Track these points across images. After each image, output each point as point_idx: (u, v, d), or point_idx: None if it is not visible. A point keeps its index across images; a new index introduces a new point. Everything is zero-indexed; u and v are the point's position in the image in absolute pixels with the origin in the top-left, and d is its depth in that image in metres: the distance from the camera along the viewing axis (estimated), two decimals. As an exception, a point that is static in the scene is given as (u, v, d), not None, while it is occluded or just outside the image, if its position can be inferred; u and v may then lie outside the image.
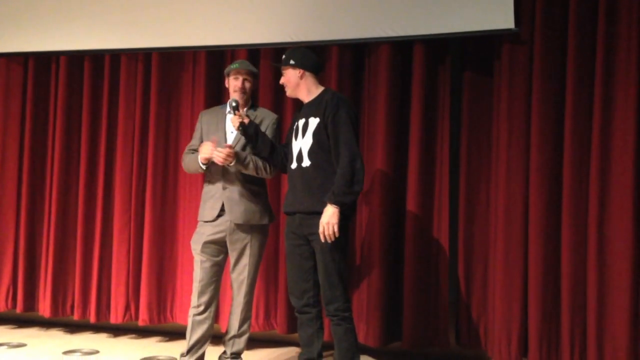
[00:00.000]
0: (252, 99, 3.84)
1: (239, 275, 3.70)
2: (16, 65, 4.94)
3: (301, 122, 3.44)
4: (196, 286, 3.66)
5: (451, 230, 4.10)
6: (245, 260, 3.67)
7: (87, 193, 4.74)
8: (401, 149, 4.21)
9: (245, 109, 3.73)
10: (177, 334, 4.51)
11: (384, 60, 4.19)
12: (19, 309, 4.82)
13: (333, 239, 3.21)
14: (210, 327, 3.69)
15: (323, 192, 3.27)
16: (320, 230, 3.21)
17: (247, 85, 3.72)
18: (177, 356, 3.86)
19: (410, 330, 4.08)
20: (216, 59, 4.58)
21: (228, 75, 3.75)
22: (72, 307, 4.77)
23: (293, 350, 4.29)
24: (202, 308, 3.65)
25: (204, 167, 3.62)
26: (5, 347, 4.34)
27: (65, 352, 4.24)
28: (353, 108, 3.43)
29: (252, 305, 3.79)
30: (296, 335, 3.70)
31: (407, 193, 4.15)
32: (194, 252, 3.71)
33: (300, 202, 3.36)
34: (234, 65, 3.74)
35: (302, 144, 3.40)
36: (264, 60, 4.45)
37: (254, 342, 4.44)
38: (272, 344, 4.47)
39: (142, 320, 4.55)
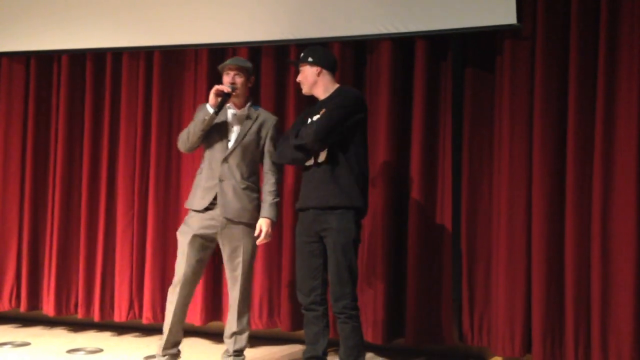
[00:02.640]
0: (252, 98, 3.83)
1: (233, 272, 3.69)
2: (18, 64, 4.94)
3: (316, 117, 3.43)
4: (179, 279, 3.63)
5: (454, 226, 4.09)
6: (239, 258, 3.66)
7: (90, 192, 4.74)
8: (403, 145, 4.20)
9: (247, 106, 3.73)
10: (180, 332, 4.51)
11: (385, 57, 4.18)
12: (22, 308, 4.83)
13: None
14: (185, 316, 3.73)
15: (336, 187, 3.28)
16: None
17: (238, 79, 3.68)
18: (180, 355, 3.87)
19: (414, 327, 4.08)
20: (218, 56, 4.56)
21: (222, 71, 3.74)
22: (76, 305, 4.78)
23: (296, 348, 4.30)
24: (182, 307, 3.66)
25: (211, 110, 3.56)
26: (10, 346, 4.35)
27: (69, 351, 4.25)
28: (356, 97, 3.41)
29: (249, 301, 3.78)
30: (300, 332, 3.71)
31: (410, 190, 4.15)
32: (180, 244, 3.67)
33: (314, 198, 3.36)
34: (226, 62, 3.74)
35: None
36: (266, 58, 4.45)
37: (258, 340, 4.45)
38: (275, 341, 4.48)
39: (146, 318, 4.56)
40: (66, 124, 4.81)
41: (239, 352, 3.73)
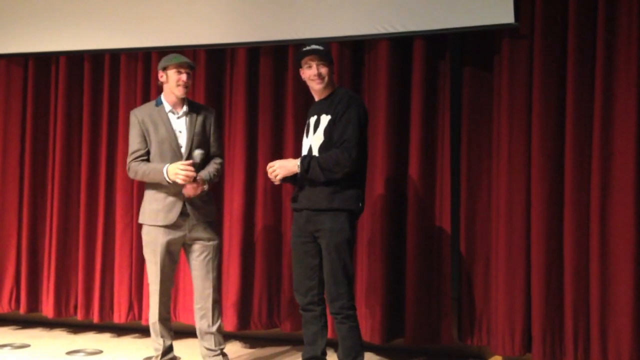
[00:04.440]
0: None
1: (206, 266, 3.67)
2: (16, 66, 4.94)
3: (313, 119, 3.42)
4: (156, 289, 3.62)
5: (453, 225, 4.09)
6: (210, 253, 3.68)
7: (88, 193, 4.74)
8: (402, 144, 4.20)
9: (185, 104, 3.69)
10: (180, 332, 4.49)
11: (383, 57, 4.18)
12: (22, 310, 4.83)
13: (273, 176, 3.33)
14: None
15: (331, 190, 3.27)
16: (270, 166, 3.34)
17: (190, 81, 3.65)
18: (181, 355, 3.86)
19: (413, 326, 4.08)
20: (216, 57, 4.58)
21: (165, 69, 3.62)
22: (76, 307, 4.78)
23: (296, 349, 4.29)
24: (166, 314, 3.68)
25: (170, 181, 3.52)
26: (9, 348, 4.35)
27: (69, 353, 4.26)
28: (364, 108, 3.41)
29: (220, 299, 3.80)
30: (299, 333, 3.71)
31: (408, 189, 4.15)
32: (153, 256, 3.62)
33: (308, 199, 3.34)
34: (175, 59, 3.62)
35: (312, 141, 3.38)
36: (264, 58, 4.44)
37: (257, 341, 4.46)
38: (275, 342, 4.47)
39: (146, 319, 4.55)
40: (64, 126, 4.81)
41: (222, 350, 3.74)
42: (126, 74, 4.71)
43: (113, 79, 4.75)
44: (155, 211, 3.61)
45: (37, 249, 4.89)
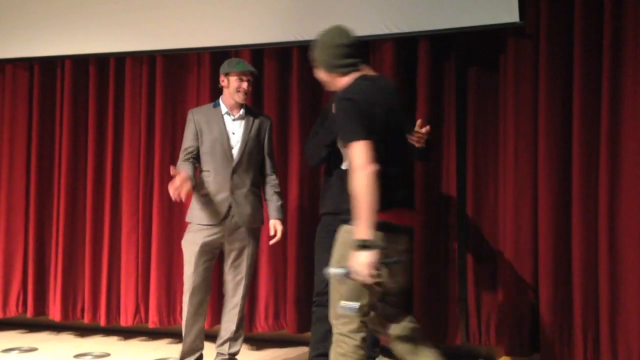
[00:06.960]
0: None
1: (236, 276, 3.70)
2: (22, 70, 4.95)
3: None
4: (189, 288, 3.63)
5: (459, 225, 4.07)
6: (244, 261, 3.68)
7: (94, 197, 4.75)
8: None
9: (242, 110, 3.72)
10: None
11: (388, 57, 4.17)
12: (29, 314, 4.84)
13: None
14: (203, 324, 3.73)
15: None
16: None
17: (250, 88, 3.72)
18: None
19: (420, 327, 4.05)
20: (220, 60, 4.54)
21: (227, 74, 3.69)
22: (82, 310, 4.78)
23: (303, 350, 4.28)
24: (197, 317, 3.65)
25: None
26: (17, 351, 4.35)
27: (76, 356, 4.26)
28: None
29: (245, 306, 3.78)
30: (306, 335, 3.70)
31: (414, 188, 4.13)
32: (187, 255, 3.67)
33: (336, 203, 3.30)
34: (238, 66, 3.70)
35: None
36: (268, 60, 4.44)
37: (264, 343, 4.45)
38: (281, 344, 4.46)
39: (152, 322, 4.55)
40: (70, 129, 4.81)
41: (233, 357, 3.74)
42: (131, 77, 4.71)
43: (118, 83, 4.76)
44: (199, 210, 3.65)
45: (44, 252, 4.89)
